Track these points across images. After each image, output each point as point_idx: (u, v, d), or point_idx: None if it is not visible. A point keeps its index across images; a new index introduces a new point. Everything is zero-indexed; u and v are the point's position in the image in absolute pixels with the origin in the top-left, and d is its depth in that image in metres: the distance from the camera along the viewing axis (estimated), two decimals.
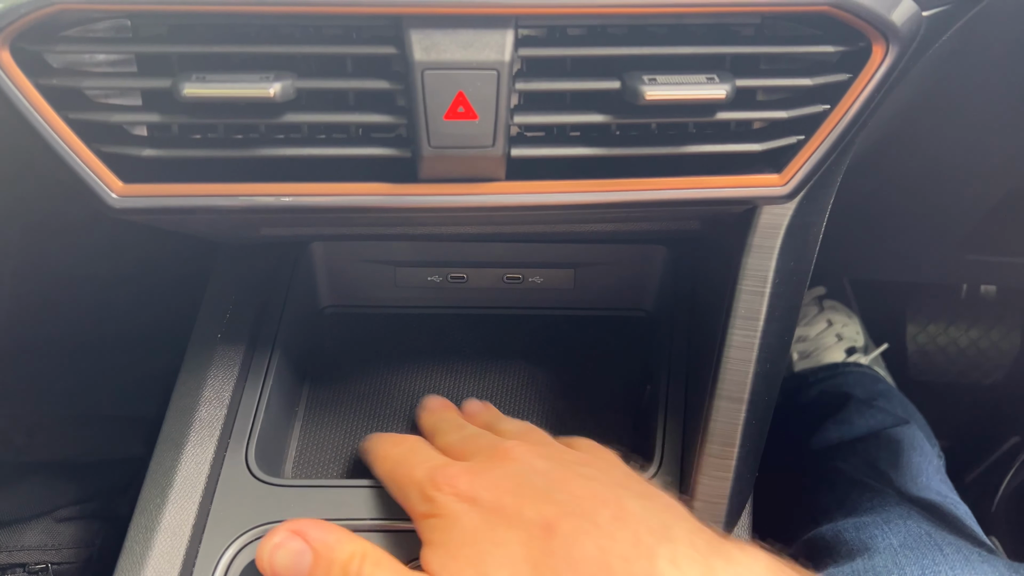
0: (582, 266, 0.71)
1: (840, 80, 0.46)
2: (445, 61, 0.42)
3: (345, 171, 0.46)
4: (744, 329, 0.50)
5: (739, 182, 0.48)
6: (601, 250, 0.70)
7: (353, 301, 0.72)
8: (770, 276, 0.50)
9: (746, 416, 0.50)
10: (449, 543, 0.42)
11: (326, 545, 0.43)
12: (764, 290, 0.50)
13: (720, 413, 0.50)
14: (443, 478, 0.45)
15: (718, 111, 0.45)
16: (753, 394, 0.50)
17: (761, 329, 0.50)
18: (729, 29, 0.46)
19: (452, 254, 0.70)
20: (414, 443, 0.52)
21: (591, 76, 0.44)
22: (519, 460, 0.45)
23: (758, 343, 0.50)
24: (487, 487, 0.43)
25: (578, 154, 0.46)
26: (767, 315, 0.50)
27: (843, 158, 0.51)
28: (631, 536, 0.39)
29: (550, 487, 0.43)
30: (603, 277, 0.71)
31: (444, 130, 0.43)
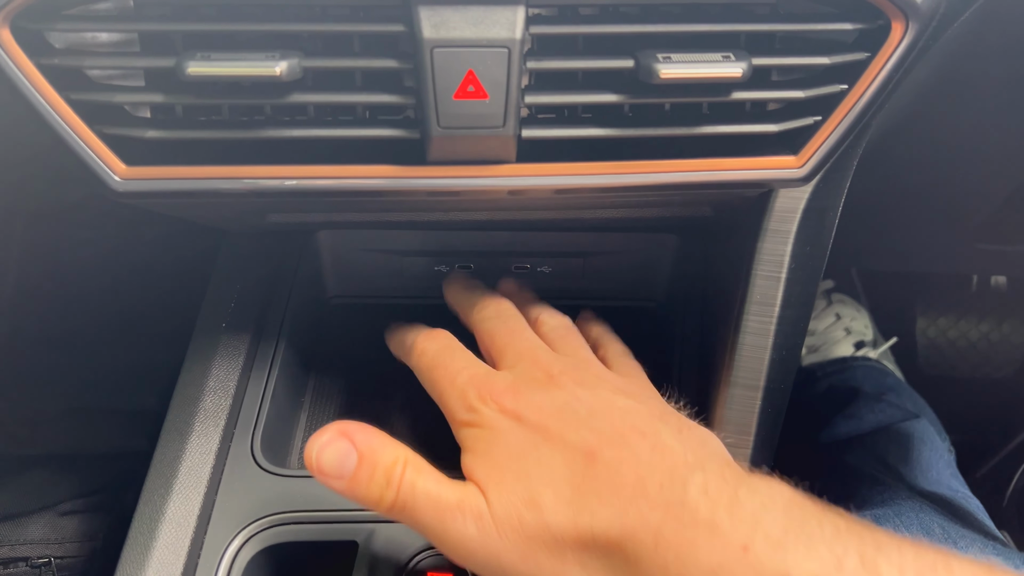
0: (591, 255, 0.70)
1: (858, 59, 0.45)
2: (455, 39, 0.41)
3: (352, 153, 0.45)
4: (759, 315, 0.49)
5: (755, 164, 0.47)
6: (610, 239, 0.69)
7: (359, 291, 0.71)
8: (786, 261, 0.49)
9: (762, 404, 0.49)
10: (493, 453, 0.43)
11: (371, 448, 0.44)
12: (780, 275, 0.49)
13: (735, 401, 0.49)
14: (488, 391, 0.45)
15: (734, 91, 0.44)
16: (769, 381, 0.49)
17: (777, 315, 0.49)
18: (744, 7, 0.45)
19: (459, 243, 0.69)
20: (450, 340, 0.51)
21: (603, 55, 0.43)
22: (563, 388, 0.46)
23: (774, 329, 0.49)
24: (531, 408, 0.44)
25: (590, 135, 0.45)
26: (783, 301, 0.49)
27: (859, 141, 0.50)
28: (667, 466, 0.40)
29: (592, 415, 0.44)
30: (612, 266, 0.70)
31: (454, 110, 0.42)
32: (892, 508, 0.65)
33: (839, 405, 1.01)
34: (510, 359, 0.49)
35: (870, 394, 1.02)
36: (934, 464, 0.86)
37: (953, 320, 1.23)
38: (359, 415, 0.63)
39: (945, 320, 1.23)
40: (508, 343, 0.50)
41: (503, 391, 0.45)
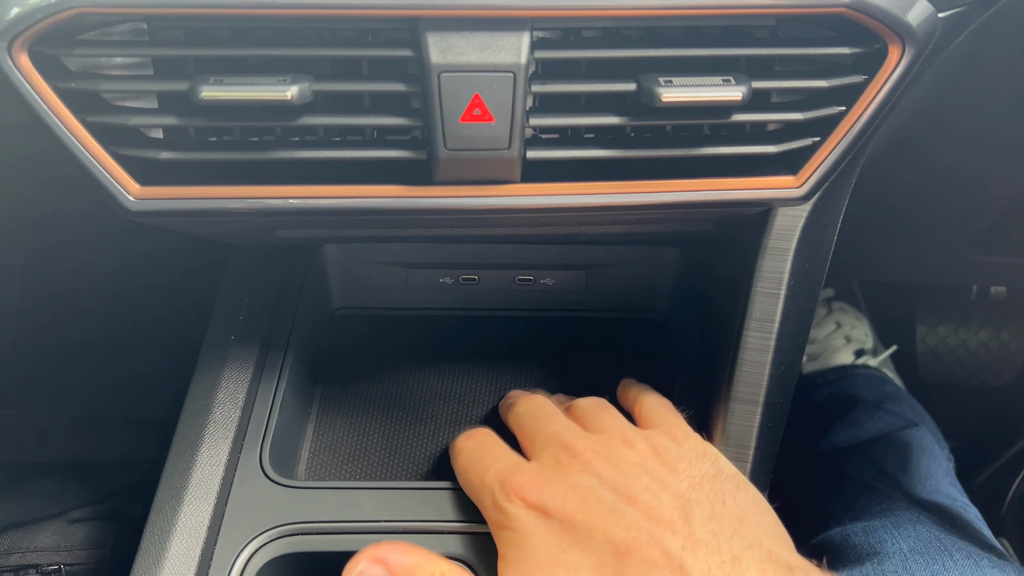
0: (594, 268, 0.71)
1: (856, 82, 0.46)
2: (461, 63, 0.42)
3: (360, 173, 0.46)
4: (759, 331, 0.50)
5: (755, 184, 0.48)
6: (613, 252, 0.70)
7: (365, 303, 0.72)
8: (785, 278, 0.50)
9: (761, 418, 0.50)
10: (523, 563, 0.43)
11: (405, 569, 0.44)
12: (779, 292, 0.50)
13: (735, 415, 0.50)
14: (512, 486, 0.46)
15: (734, 113, 0.45)
16: (768, 396, 0.50)
17: (776, 331, 0.50)
18: (743, 31, 0.46)
19: (464, 256, 0.70)
20: (486, 437, 0.52)
21: (606, 78, 0.44)
22: (589, 468, 0.45)
23: (773, 345, 0.50)
24: (555, 498, 0.44)
25: (593, 156, 0.46)
26: (782, 317, 0.50)
27: (857, 160, 0.51)
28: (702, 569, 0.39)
29: (619, 498, 0.43)
30: (615, 279, 0.71)
31: (460, 132, 0.43)
32: (890, 519, 0.66)
33: (839, 413, 1.02)
34: (538, 446, 0.49)
35: (870, 402, 1.03)
36: (933, 472, 0.87)
37: (952, 328, 1.24)
38: (365, 426, 0.64)
39: (944, 328, 1.24)
40: (537, 430, 0.50)
41: (527, 484, 0.45)
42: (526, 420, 0.51)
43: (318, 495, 0.54)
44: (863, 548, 0.63)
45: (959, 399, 1.26)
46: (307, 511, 0.53)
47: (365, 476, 0.61)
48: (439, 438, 0.64)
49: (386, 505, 0.53)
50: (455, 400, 0.67)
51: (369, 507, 0.53)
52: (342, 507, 0.53)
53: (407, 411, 0.66)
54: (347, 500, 0.54)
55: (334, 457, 0.62)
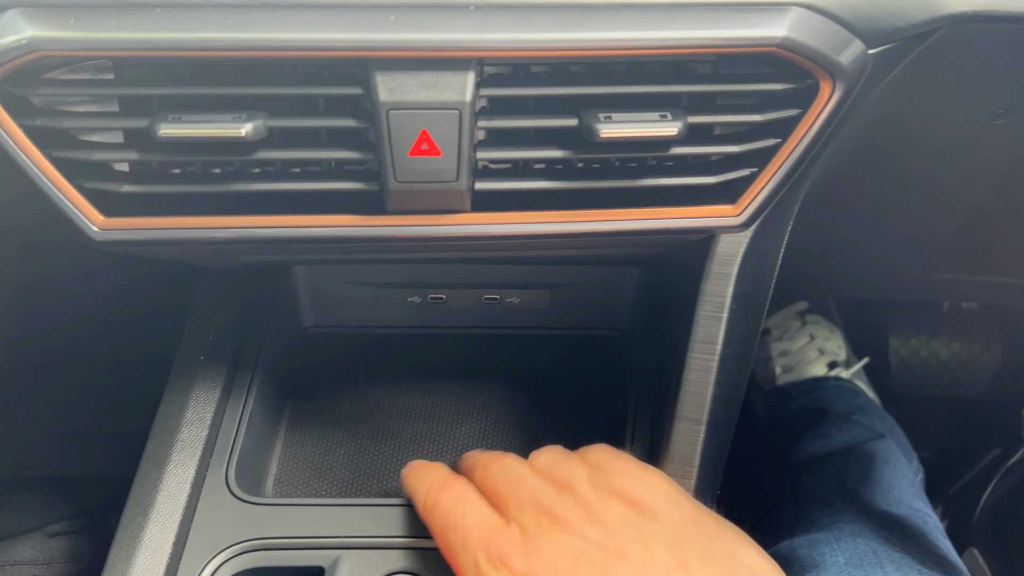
0: (557, 287, 0.73)
1: (790, 115, 0.48)
2: (409, 101, 0.44)
3: (319, 203, 0.48)
4: (702, 353, 0.52)
5: (695, 213, 0.50)
6: (576, 271, 0.72)
7: (335, 321, 0.74)
8: (727, 302, 0.52)
9: (705, 437, 0.52)
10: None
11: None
12: (721, 315, 0.52)
13: (679, 434, 0.52)
14: (498, 553, 0.45)
15: (672, 146, 0.47)
16: (712, 415, 0.52)
17: (719, 353, 0.52)
18: (686, 66, 0.48)
19: (431, 276, 0.72)
20: (462, 491, 0.50)
21: (553, 113, 0.46)
22: (572, 531, 0.45)
23: (716, 366, 0.52)
24: (544, 566, 0.43)
25: (540, 187, 0.48)
26: (725, 339, 0.52)
27: (799, 187, 0.54)
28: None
29: (608, 559, 0.43)
30: (578, 298, 0.73)
31: (409, 166, 0.45)
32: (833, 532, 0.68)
33: (809, 425, 1.04)
34: (514, 509, 0.47)
35: (839, 414, 1.05)
36: (897, 484, 0.89)
37: (925, 340, 1.27)
38: (334, 443, 0.66)
39: (917, 340, 1.26)
40: (511, 494, 0.48)
41: (512, 551, 0.44)
42: (499, 482, 0.50)
43: (283, 511, 0.56)
44: (805, 560, 0.65)
45: (932, 410, 1.29)
46: (271, 527, 0.55)
47: (331, 492, 0.63)
48: (404, 455, 0.66)
49: (349, 521, 0.55)
50: (421, 417, 0.68)
51: (332, 523, 0.55)
52: (306, 523, 0.55)
53: (374, 428, 0.68)
54: (311, 516, 0.56)
55: (301, 474, 0.64)
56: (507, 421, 0.67)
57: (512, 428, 0.67)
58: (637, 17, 0.44)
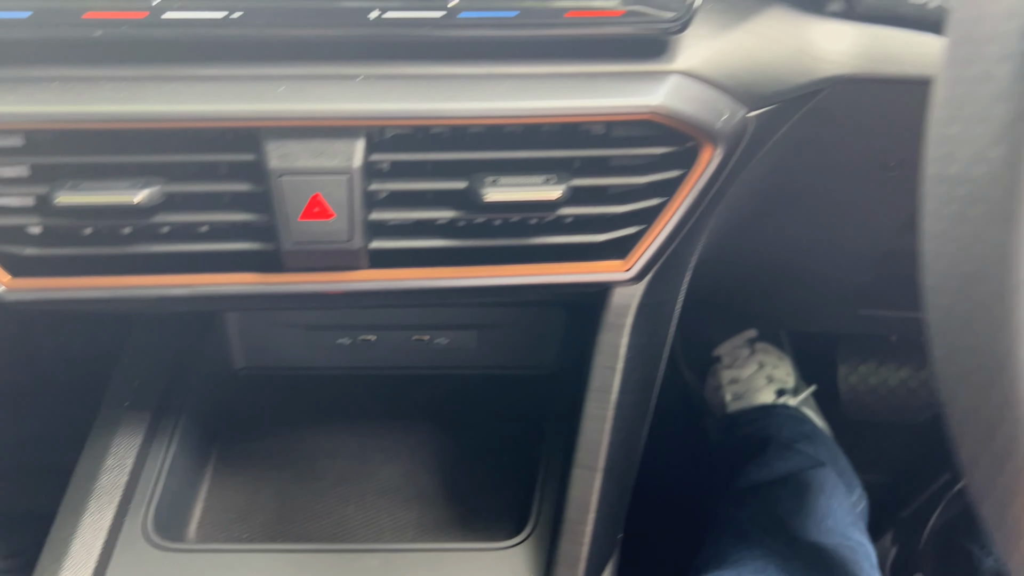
0: (485, 328, 0.74)
1: (673, 176, 0.50)
2: (299, 168, 0.46)
3: (223, 261, 0.50)
4: (598, 401, 0.54)
5: (586, 268, 0.52)
6: (504, 312, 0.74)
7: (267, 363, 0.75)
8: (622, 352, 0.54)
9: (601, 484, 0.54)
10: None
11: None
12: (616, 365, 0.54)
13: (577, 481, 0.54)
14: None
15: (559, 207, 0.49)
16: (608, 462, 0.54)
17: (614, 401, 0.54)
18: (578, 129, 0.50)
19: (361, 317, 0.73)
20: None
21: (449, 175, 0.48)
22: None
23: (611, 414, 0.54)
24: None
25: (434, 246, 0.50)
26: (620, 388, 0.54)
27: (692, 241, 0.56)
28: None
29: None
30: (506, 338, 0.75)
31: (301, 228, 0.47)
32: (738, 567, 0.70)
33: (753, 453, 1.05)
34: None
35: (782, 442, 1.06)
36: (832, 512, 0.90)
37: (874, 367, 1.29)
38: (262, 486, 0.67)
39: (866, 367, 1.28)
40: None
41: None
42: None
43: (201, 558, 0.57)
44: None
45: (882, 436, 1.30)
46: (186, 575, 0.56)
47: (255, 537, 0.64)
48: (329, 497, 0.67)
49: (267, 569, 0.56)
50: (348, 459, 0.70)
51: (250, 571, 0.56)
52: (224, 571, 0.56)
53: (300, 470, 0.69)
54: (229, 563, 0.57)
55: (226, 517, 0.65)
56: (429, 464, 0.69)
57: (433, 471, 0.68)
58: (518, 88, 0.46)
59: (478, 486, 0.66)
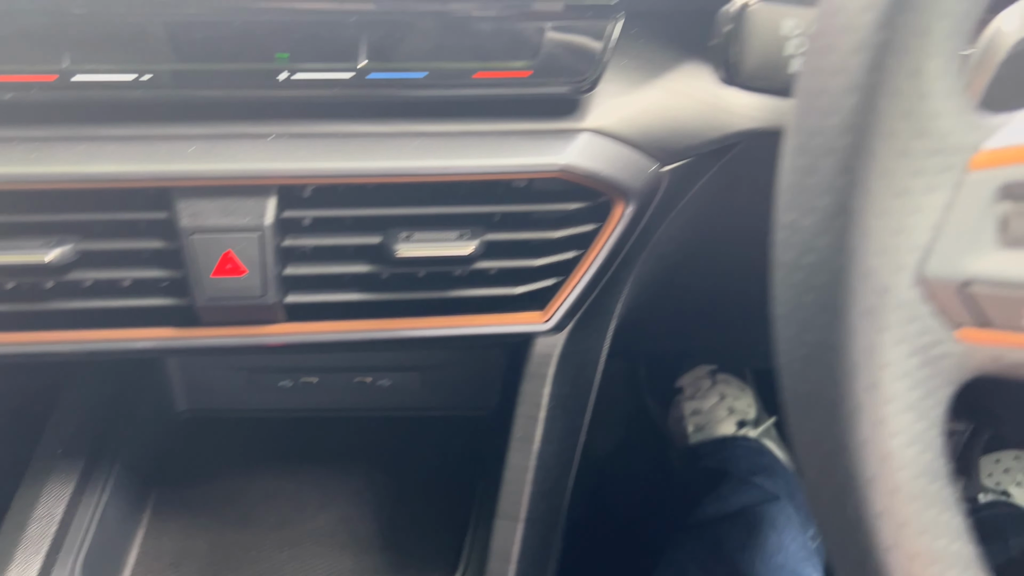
0: (428, 369, 0.75)
1: (587, 230, 0.50)
2: (210, 226, 0.46)
3: (138, 317, 0.50)
4: (520, 451, 0.54)
5: (505, 320, 0.52)
6: (446, 354, 0.74)
7: (210, 405, 0.75)
8: (544, 401, 0.54)
9: (523, 535, 0.54)
10: None
11: None
12: (538, 415, 0.54)
13: (499, 531, 0.54)
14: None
15: (474, 261, 0.49)
16: (530, 512, 0.54)
17: (536, 451, 0.54)
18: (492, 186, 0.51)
19: (304, 360, 0.74)
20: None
21: (357, 232, 0.49)
22: None
23: (533, 464, 0.54)
24: None
25: (350, 299, 0.50)
26: (543, 438, 0.54)
27: (614, 290, 0.56)
28: None
29: None
30: (448, 380, 0.75)
31: (213, 285, 0.47)
32: None
33: (711, 487, 1.06)
34: None
35: (739, 476, 1.07)
36: (784, 548, 0.90)
37: None
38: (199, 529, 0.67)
39: None
40: None
41: None
42: None
43: None
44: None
45: None
46: None
47: None
48: (265, 543, 0.67)
49: None
50: (286, 503, 0.70)
51: None
52: None
53: (238, 514, 0.69)
54: None
55: (160, 564, 0.65)
56: (366, 508, 0.69)
57: (370, 516, 0.68)
58: (428, 146, 0.47)
59: (413, 531, 0.66)
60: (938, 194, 0.24)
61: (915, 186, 0.24)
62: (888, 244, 0.24)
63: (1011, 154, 0.25)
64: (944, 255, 0.25)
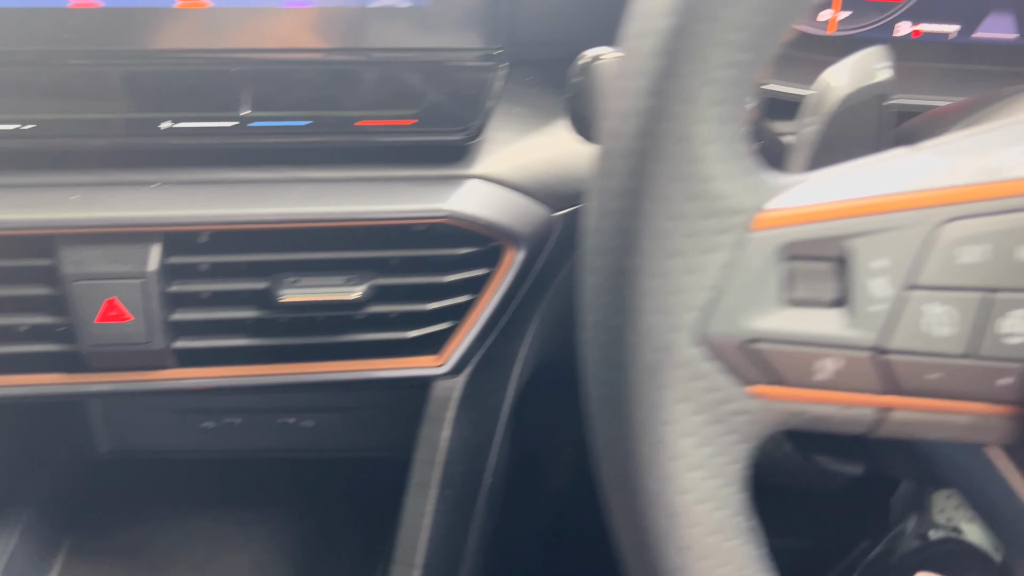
0: (350, 410, 0.74)
1: (479, 275, 0.51)
2: (93, 273, 0.46)
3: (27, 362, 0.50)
4: (417, 496, 0.54)
5: (400, 363, 0.52)
6: (370, 396, 0.74)
7: (133, 447, 0.75)
8: (443, 445, 0.54)
9: None
10: None
11: None
12: (436, 459, 0.54)
13: None
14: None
15: (364, 306, 0.50)
16: (428, 559, 0.53)
17: (434, 496, 0.54)
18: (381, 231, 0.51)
19: (226, 401, 0.73)
20: None
21: (244, 277, 0.49)
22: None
23: (431, 509, 0.54)
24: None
25: (239, 344, 0.50)
26: (442, 483, 0.54)
27: (515, 333, 0.56)
28: None
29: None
30: (371, 421, 0.75)
31: (98, 331, 0.47)
32: None
33: None
34: None
35: None
36: None
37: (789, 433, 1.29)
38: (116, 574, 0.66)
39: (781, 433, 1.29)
40: None
41: None
42: None
43: None
44: None
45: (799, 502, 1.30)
46: None
47: None
48: None
49: None
50: (205, 545, 0.69)
51: None
52: None
53: (155, 557, 0.68)
54: None
55: None
56: (284, 550, 0.68)
57: (287, 559, 0.67)
58: (314, 193, 0.47)
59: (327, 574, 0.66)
60: (716, 254, 0.25)
61: (690, 247, 0.25)
62: (666, 303, 0.25)
63: (791, 215, 0.26)
64: (726, 314, 0.25)
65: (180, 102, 0.45)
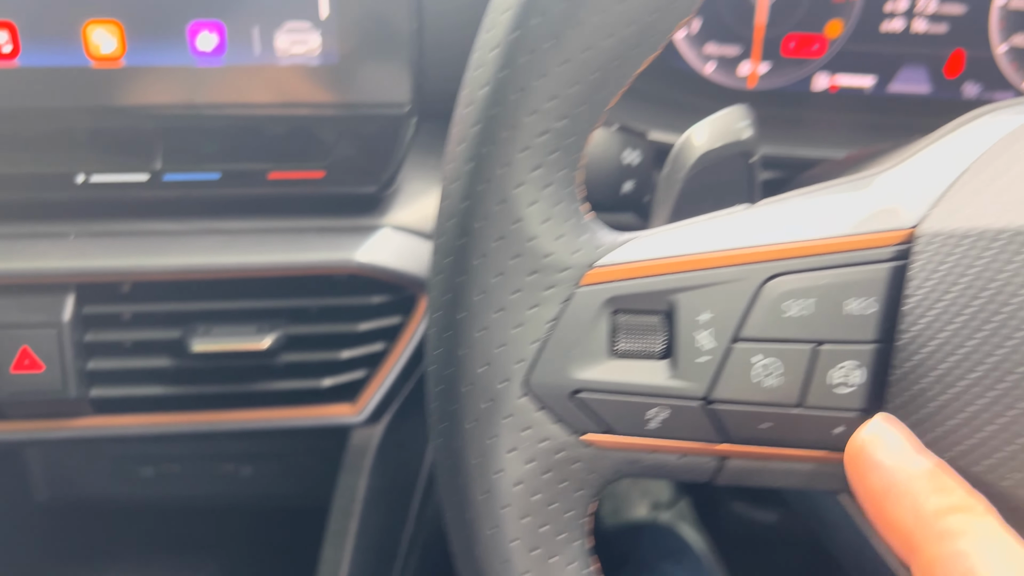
0: (289, 457, 0.74)
1: (393, 323, 0.52)
2: (6, 322, 0.47)
3: None
4: (334, 546, 0.54)
5: (316, 412, 0.53)
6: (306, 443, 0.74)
7: (71, 495, 0.75)
8: (360, 494, 0.54)
9: None
10: None
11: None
12: (353, 508, 0.54)
13: None
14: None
15: (276, 355, 0.50)
16: None
17: (351, 545, 0.54)
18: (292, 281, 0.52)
19: (164, 448, 0.73)
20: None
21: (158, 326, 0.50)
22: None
23: (348, 559, 0.54)
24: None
25: (154, 393, 0.51)
26: (358, 532, 0.54)
27: None
28: None
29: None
30: (311, 469, 0.75)
31: (13, 380, 0.48)
32: None
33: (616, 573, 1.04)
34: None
35: (647, 563, 1.05)
36: None
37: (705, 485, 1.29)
38: None
39: None
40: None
41: None
42: None
43: None
44: None
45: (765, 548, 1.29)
46: None
47: None
48: None
49: None
50: None
51: None
52: None
53: None
54: None
55: None
56: None
57: None
58: (225, 244, 0.49)
59: None
60: (542, 309, 0.26)
61: (515, 303, 0.26)
62: (492, 356, 0.26)
63: (619, 270, 0.27)
64: (553, 365, 0.26)
65: (94, 157, 0.47)
